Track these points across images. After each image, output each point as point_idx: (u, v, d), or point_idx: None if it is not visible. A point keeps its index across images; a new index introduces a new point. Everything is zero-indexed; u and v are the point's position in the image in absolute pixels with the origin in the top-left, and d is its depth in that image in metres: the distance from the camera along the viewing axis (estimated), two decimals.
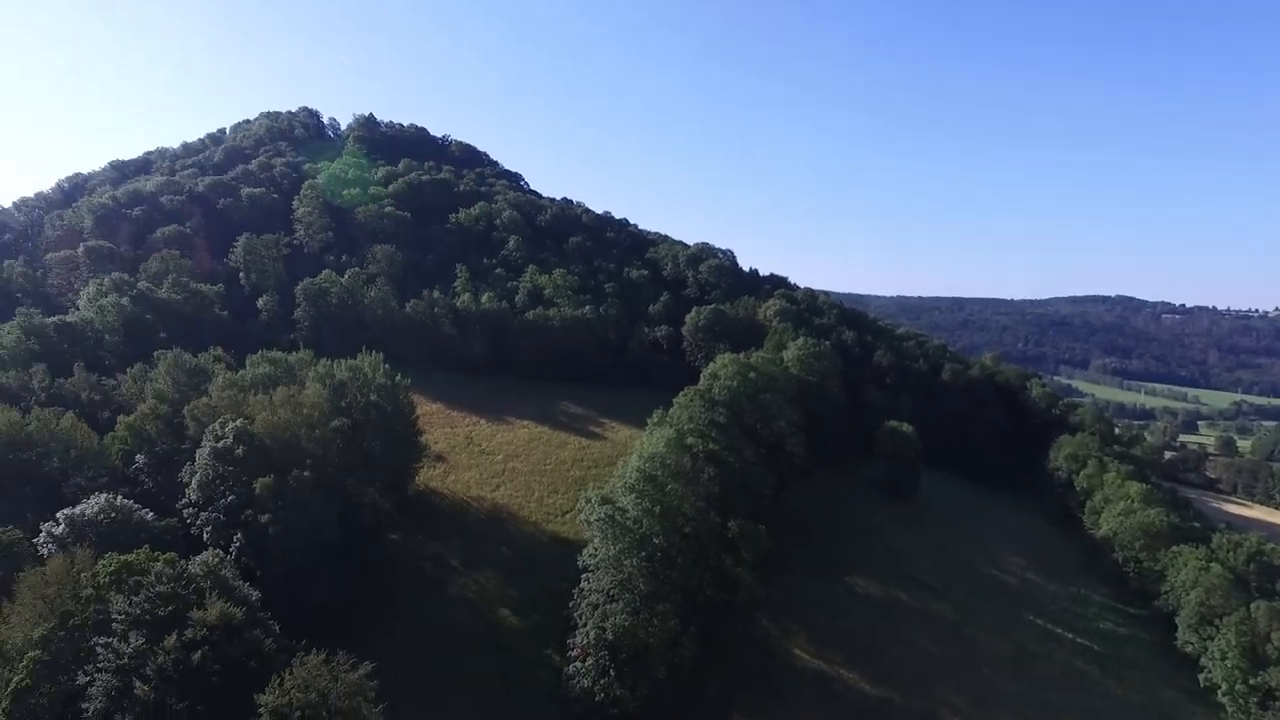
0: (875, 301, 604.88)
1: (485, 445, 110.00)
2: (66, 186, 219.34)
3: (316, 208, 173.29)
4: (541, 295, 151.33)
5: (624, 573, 67.11)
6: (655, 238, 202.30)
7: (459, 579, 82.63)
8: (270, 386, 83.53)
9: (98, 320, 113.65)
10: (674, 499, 71.65)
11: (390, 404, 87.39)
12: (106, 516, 63.48)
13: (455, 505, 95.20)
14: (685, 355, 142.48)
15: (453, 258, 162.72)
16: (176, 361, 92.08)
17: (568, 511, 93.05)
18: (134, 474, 77.77)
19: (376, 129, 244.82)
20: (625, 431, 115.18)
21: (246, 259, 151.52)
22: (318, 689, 47.22)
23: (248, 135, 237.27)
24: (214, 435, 72.58)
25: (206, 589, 52.13)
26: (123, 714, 46.45)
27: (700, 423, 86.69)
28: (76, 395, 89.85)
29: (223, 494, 69.54)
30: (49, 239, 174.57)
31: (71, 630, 49.39)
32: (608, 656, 63.84)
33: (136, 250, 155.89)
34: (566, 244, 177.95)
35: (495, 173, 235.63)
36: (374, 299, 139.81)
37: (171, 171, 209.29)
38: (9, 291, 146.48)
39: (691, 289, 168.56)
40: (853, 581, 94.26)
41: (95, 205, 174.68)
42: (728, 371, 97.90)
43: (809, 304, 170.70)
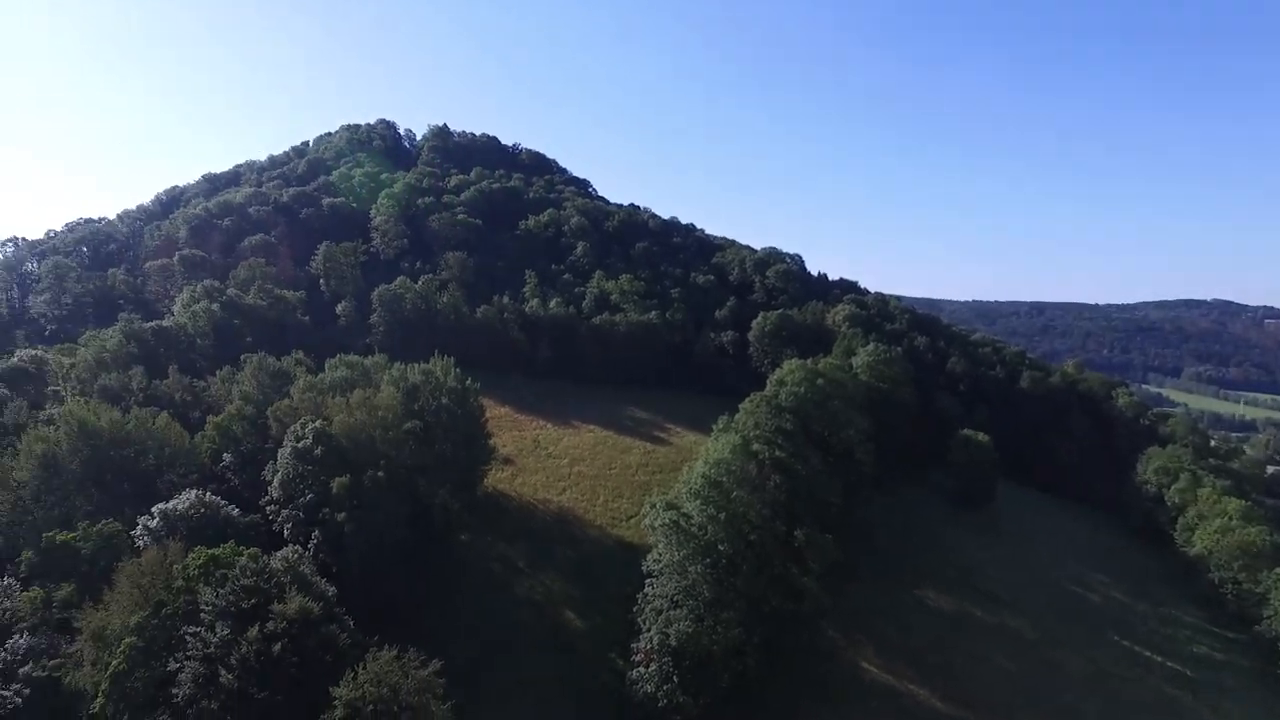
0: (949, 306, 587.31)
1: (552, 449, 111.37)
2: (164, 199, 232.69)
3: (392, 216, 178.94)
4: (608, 300, 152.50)
5: (688, 579, 66.87)
6: (722, 242, 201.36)
7: (525, 580, 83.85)
8: (347, 389, 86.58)
9: (190, 325, 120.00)
10: (739, 506, 71.02)
11: (460, 407, 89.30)
12: (196, 511, 66.92)
13: (522, 507, 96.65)
14: (751, 361, 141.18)
15: (522, 264, 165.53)
16: (261, 365, 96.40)
17: (632, 516, 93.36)
18: (221, 471, 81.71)
19: (450, 139, 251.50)
20: (690, 437, 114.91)
21: (326, 266, 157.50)
22: (389, 684, 48.61)
23: (329, 147, 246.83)
24: (295, 435, 75.66)
25: (286, 584, 54.29)
26: (209, 700, 48.76)
27: (766, 429, 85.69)
28: (171, 396, 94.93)
29: (302, 492, 72.38)
30: (148, 248, 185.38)
31: (164, 619, 52.17)
32: (671, 663, 63.71)
33: (226, 258, 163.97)
34: (633, 249, 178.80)
35: (564, 179, 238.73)
36: (446, 304, 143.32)
37: (259, 183, 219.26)
38: (112, 298, 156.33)
39: (758, 294, 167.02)
40: (923, 594, 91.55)
41: (189, 216, 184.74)
42: (795, 378, 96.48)
43: (879, 309, 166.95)
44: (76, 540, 63.69)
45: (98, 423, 76.27)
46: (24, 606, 58.93)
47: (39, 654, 55.11)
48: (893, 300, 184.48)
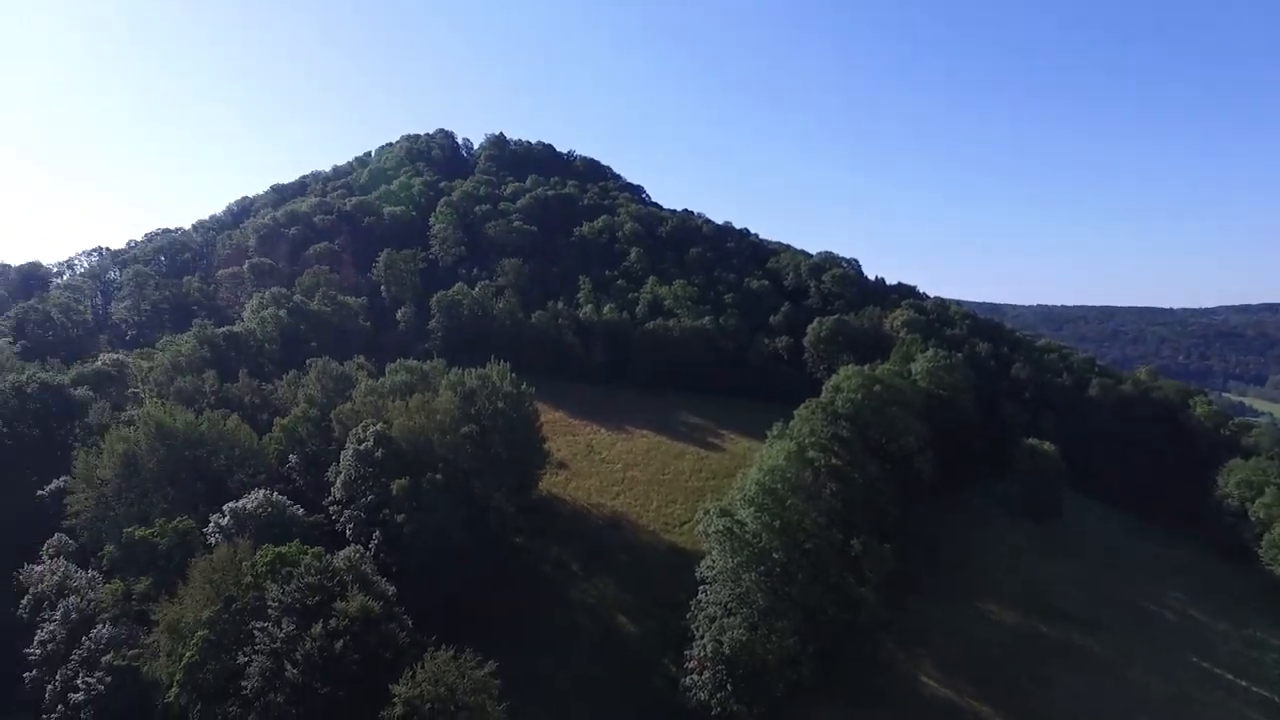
0: (1013, 311, 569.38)
1: (605, 454, 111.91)
2: (235, 209, 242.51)
3: (450, 223, 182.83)
4: (662, 306, 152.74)
5: (742, 587, 66.33)
6: (776, 247, 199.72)
7: (578, 584, 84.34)
8: (407, 393, 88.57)
9: (259, 330, 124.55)
10: (794, 514, 70.19)
11: (516, 411, 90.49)
12: (264, 510, 69.29)
13: (576, 511, 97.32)
14: (806, 367, 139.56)
15: (576, 269, 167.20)
16: (325, 369, 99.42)
17: (685, 522, 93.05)
18: (287, 472, 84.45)
19: (506, 147, 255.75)
20: (744, 443, 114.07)
21: (387, 273, 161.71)
22: (446, 683, 49.45)
23: (390, 157, 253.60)
24: (356, 438, 77.75)
25: (349, 582, 55.79)
26: (275, 694, 50.37)
27: (822, 436, 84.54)
28: (240, 399, 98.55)
29: (363, 493, 74.28)
30: (220, 257, 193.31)
31: (234, 613, 54.17)
32: (725, 671, 63.23)
33: (293, 266, 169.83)
34: (687, 255, 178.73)
35: (618, 186, 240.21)
36: (502, 310, 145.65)
37: (323, 193, 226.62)
38: (187, 304, 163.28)
39: (814, 299, 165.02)
40: (985, 608, 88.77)
41: (258, 226, 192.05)
42: (851, 384, 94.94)
43: (939, 314, 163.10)
44: (154, 536, 66.59)
45: (173, 424, 79.69)
46: (106, 598, 61.87)
47: (119, 644, 57.78)
48: (953, 305, 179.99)
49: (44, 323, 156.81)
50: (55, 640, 60.25)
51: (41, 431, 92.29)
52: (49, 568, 67.80)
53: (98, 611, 60.97)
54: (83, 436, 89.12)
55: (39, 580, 66.42)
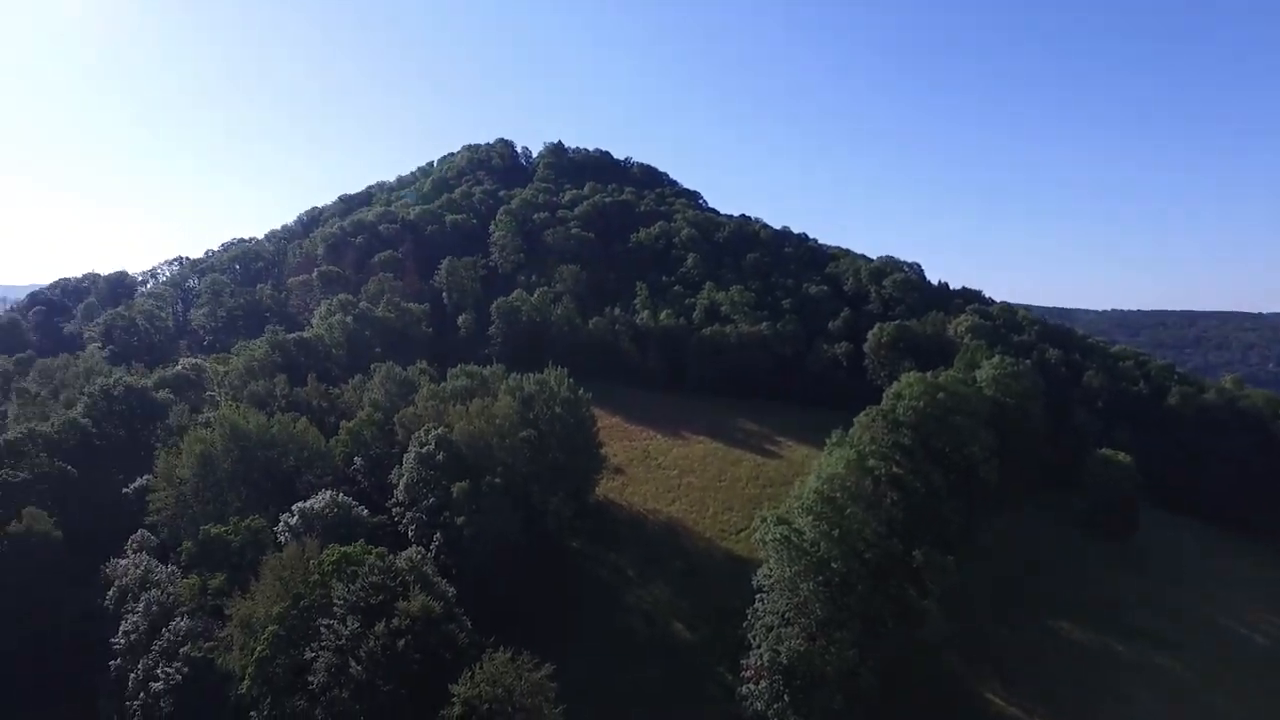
0: (1085, 317, 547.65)
1: (661, 459, 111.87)
2: (305, 219, 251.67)
3: (510, 231, 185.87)
4: (718, 312, 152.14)
5: (800, 596, 65.34)
6: (835, 252, 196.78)
7: (634, 589, 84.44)
8: (467, 398, 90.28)
9: (327, 336, 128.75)
10: (854, 523, 68.76)
11: (573, 416, 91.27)
12: (330, 511, 71.48)
13: (632, 517, 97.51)
14: (866, 373, 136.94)
15: (633, 276, 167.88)
16: (389, 374, 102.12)
17: (742, 529, 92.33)
18: (352, 474, 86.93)
19: (564, 155, 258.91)
20: (802, 450, 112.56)
21: (449, 280, 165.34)
22: (504, 685, 50.09)
23: (451, 167, 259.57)
24: (419, 441, 79.60)
25: (410, 582, 57.10)
26: (340, 689, 51.83)
27: (883, 444, 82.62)
28: (309, 402, 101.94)
29: (425, 496, 75.96)
30: (290, 265, 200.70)
31: (301, 610, 55.97)
32: (781, 681, 62.38)
33: (359, 273, 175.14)
34: (744, 260, 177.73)
35: (674, 192, 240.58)
36: (559, 316, 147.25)
37: (388, 202, 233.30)
38: (259, 311, 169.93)
39: (874, 304, 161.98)
40: (1056, 625, 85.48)
41: (326, 235, 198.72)
42: (913, 391, 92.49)
43: (1006, 319, 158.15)
44: (228, 534, 69.38)
45: (246, 426, 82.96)
46: (184, 592, 64.70)
47: (196, 636, 60.37)
48: (1020, 310, 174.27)
49: (129, 329, 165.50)
50: (138, 631, 63.30)
51: (127, 432, 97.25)
52: (132, 561, 71.30)
53: (176, 605, 63.80)
54: (164, 437, 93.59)
55: (123, 574, 69.89)
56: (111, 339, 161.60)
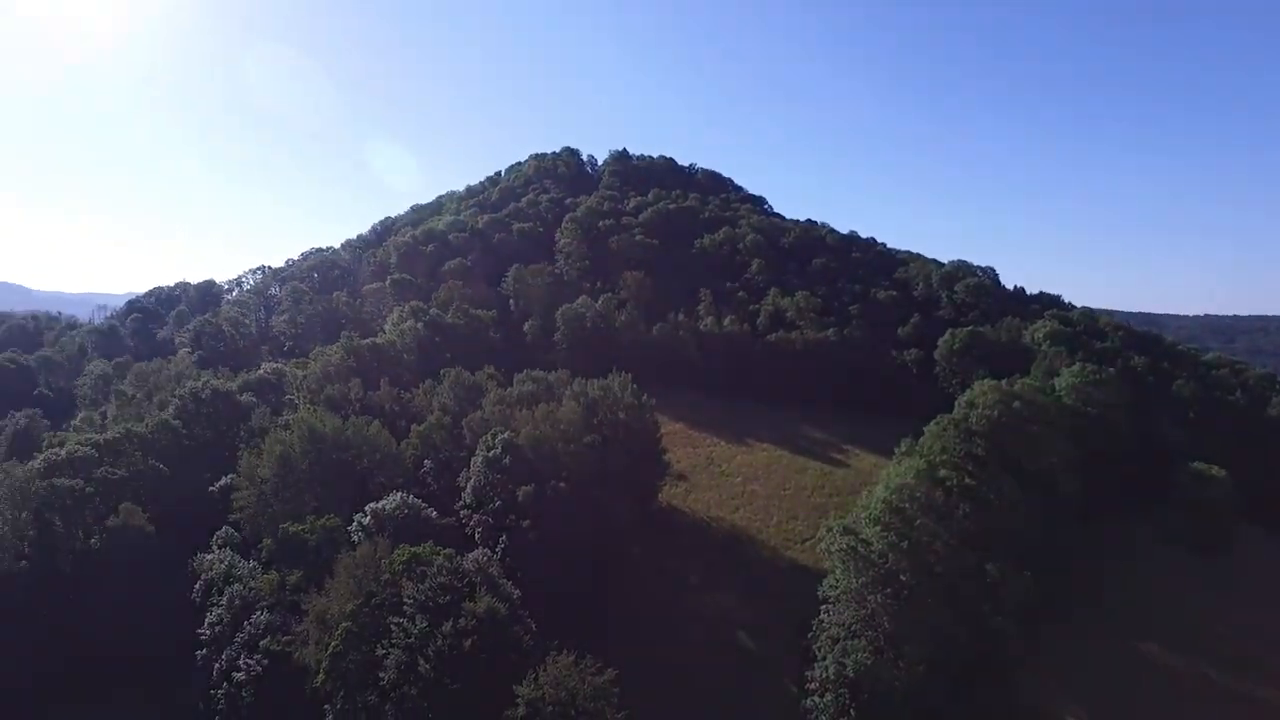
0: (1174, 322, 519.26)
1: (725, 466, 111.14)
2: (379, 229, 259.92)
3: (575, 238, 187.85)
4: (783, 318, 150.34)
5: (867, 608, 63.97)
6: (905, 256, 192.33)
7: (697, 597, 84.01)
8: (533, 403, 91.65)
9: (399, 342, 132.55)
10: (923, 534, 66.94)
11: (637, 422, 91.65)
12: (401, 512, 73.48)
13: (695, 524, 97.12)
14: (937, 381, 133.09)
15: (697, 282, 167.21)
16: (458, 378, 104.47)
17: (807, 539, 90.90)
18: (422, 476, 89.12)
19: (629, 162, 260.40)
20: (869, 459, 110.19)
21: (515, 287, 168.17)
22: (567, 688, 50.56)
23: (519, 176, 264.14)
24: (486, 445, 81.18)
25: (477, 584, 58.28)
26: (409, 686, 53.19)
27: (955, 454, 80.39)
28: (381, 406, 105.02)
29: (491, 499, 77.39)
30: (365, 273, 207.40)
31: (373, 608, 57.73)
32: (847, 695, 61.13)
33: (430, 280, 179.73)
34: (810, 265, 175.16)
35: (739, 197, 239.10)
36: (623, 323, 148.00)
37: (457, 212, 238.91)
38: (336, 318, 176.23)
39: (945, 310, 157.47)
40: (1145, 648, 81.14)
41: (399, 244, 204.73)
42: (987, 399, 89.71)
43: (1087, 325, 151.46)
44: (305, 532, 72.05)
45: (323, 428, 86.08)
46: (264, 587, 67.50)
47: (275, 630, 62.87)
48: (1103, 316, 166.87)
49: (216, 335, 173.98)
50: (221, 623, 66.39)
51: (213, 432, 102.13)
52: (217, 556, 74.82)
53: (257, 599, 66.61)
54: (246, 438, 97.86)
55: (209, 568, 73.43)
56: (200, 344, 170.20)
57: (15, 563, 75.30)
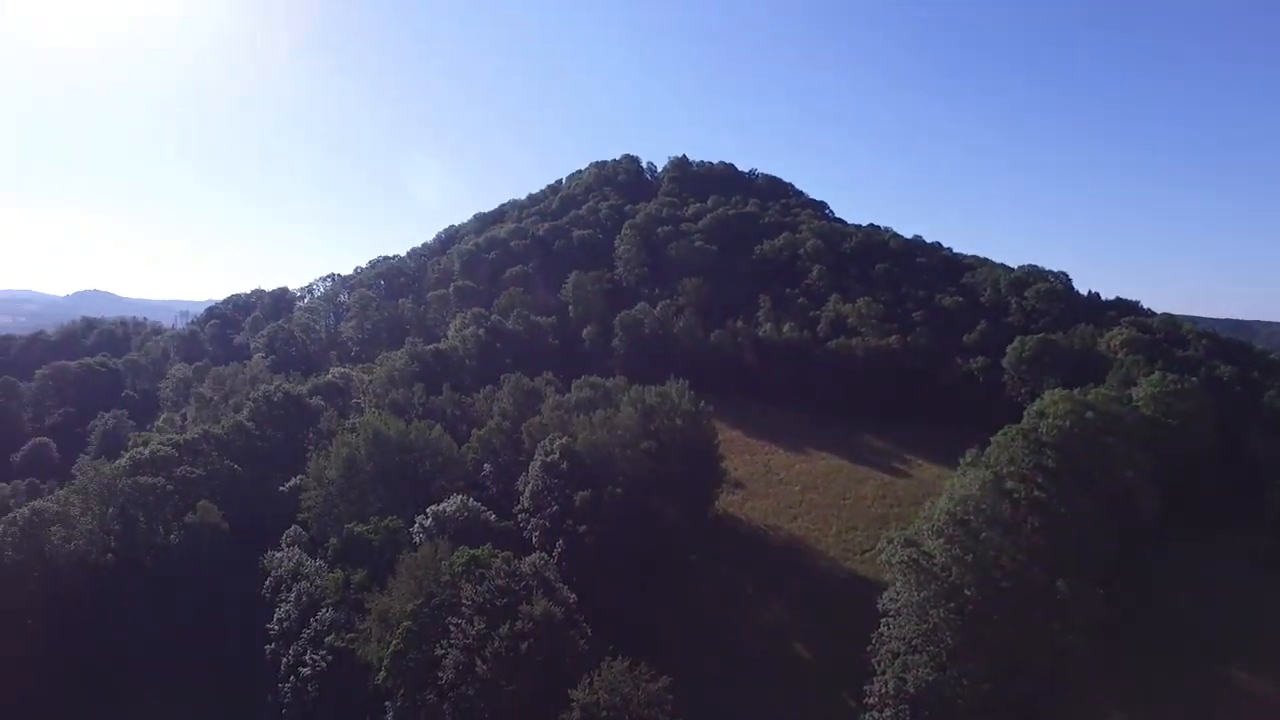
0: (1266, 330, 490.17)
1: (783, 474, 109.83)
2: (443, 236, 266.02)
3: (634, 245, 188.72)
4: (845, 324, 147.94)
5: (929, 623, 62.10)
6: (971, 261, 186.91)
7: (753, 606, 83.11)
8: (590, 409, 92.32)
9: (460, 348, 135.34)
10: (989, 548, 64.69)
11: (694, 429, 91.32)
12: (461, 514, 74.80)
13: (752, 532, 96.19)
14: (1005, 390, 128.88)
15: (756, 288, 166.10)
16: (517, 384, 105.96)
17: (867, 550, 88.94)
18: (482, 479, 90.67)
19: (688, 169, 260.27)
20: (932, 470, 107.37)
21: (575, 293, 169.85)
22: (621, 694, 50.53)
23: (579, 183, 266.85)
24: (544, 450, 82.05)
25: (534, 587, 58.80)
26: (466, 686, 54.00)
27: (1023, 466, 77.33)
28: (443, 410, 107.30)
29: (549, 503, 78.16)
30: (429, 280, 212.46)
31: (433, 608, 58.82)
32: (908, 711, 59.44)
33: (491, 287, 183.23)
34: (872, 271, 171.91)
35: (800, 202, 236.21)
36: (681, 329, 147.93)
37: (519, 219, 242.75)
38: (401, 324, 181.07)
39: (1015, 316, 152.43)
40: (1229, 674, 76.64)
41: (462, 252, 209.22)
42: (1059, 409, 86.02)
43: (1168, 333, 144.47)
44: (369, 533, 74.00)
45: (387, 432, 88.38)
46: (330, 585, 69.52)
47: (339, 627, 64.66)
48: (1186, 323, 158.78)
49: (288, 340, 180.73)
50: (289, 619, 68.67)
51: (284, 434, 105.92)
52: (286, 555, 77.44)
53: (323, 597, 68.65)
54: (315, 440, 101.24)
55: (278, 565, 76.06)
56: (273, 349, 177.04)
57: (102, 555, 79.54)
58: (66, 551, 78.00)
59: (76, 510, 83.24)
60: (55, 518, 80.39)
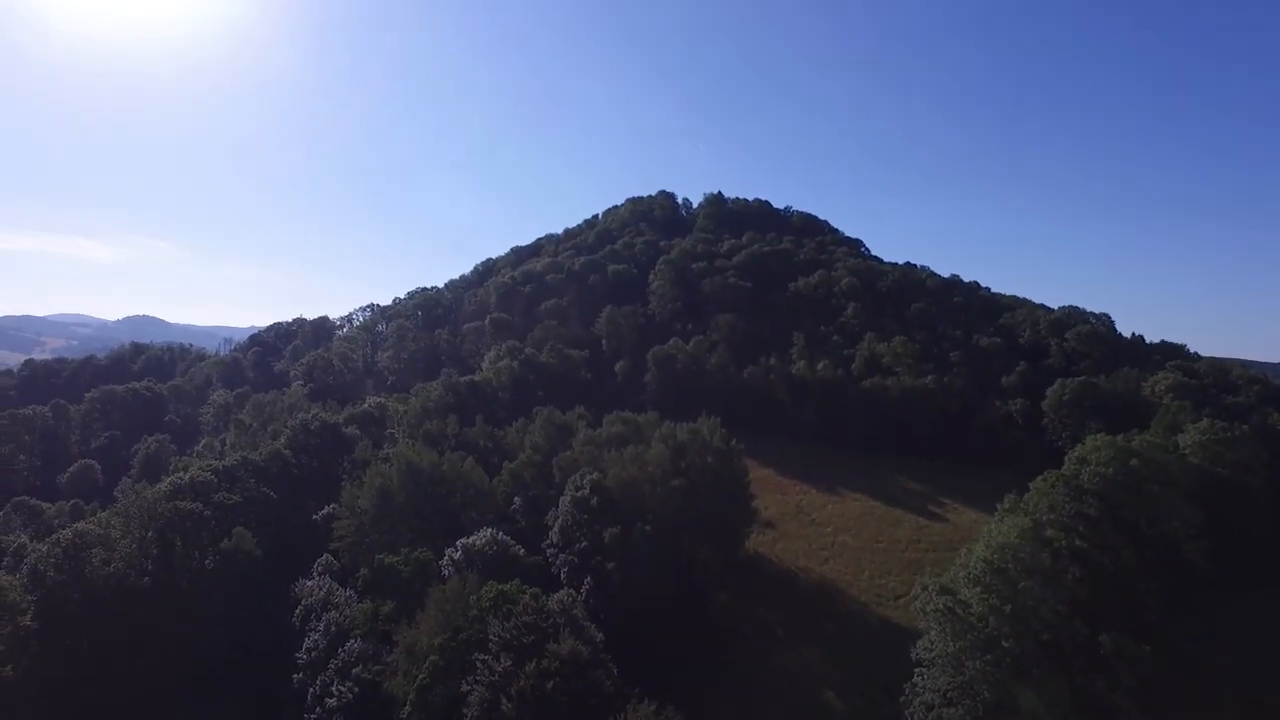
0: None
1: (815, 515, 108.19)
2: (480, 269, 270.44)
3: (668, 280, 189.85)
4: (879, 363, 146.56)
5: (965, 675, 60.26)
6: (1010, 302, 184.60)
7: (783, 650, 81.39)
8: (621, 444, 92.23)
9: (494, 380, 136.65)
10: (1028, 599, 62.89)
11: (725, 467, 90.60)
12: (490, 548, 74.93)
13: (782, 574, 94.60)
14: (1045, 434, 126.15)
15: (790, 325, 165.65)
16: (550, 417, 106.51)
17: (900, 596, 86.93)
18: (512, 513, 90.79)
19: (723, 205, 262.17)
20: (969, 514, 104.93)
21: (608, 328, 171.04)
22: None
23: (615, 219, 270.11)
24: (574, 485, 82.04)
25: (561, 625, 58.45)
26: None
27: (1064, 513, 75.39)
28: (476, 442, 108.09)
29: (578, 539, 77.88)
30: (466, 312, 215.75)
31: (460, 643, 58.76)
32: None
33: (526, 320, 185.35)
34: (908, 310, 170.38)
35: (835, 240, 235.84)
36: (714, 365, 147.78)
37: (555, 253, 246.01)
38: (437, 355, 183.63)
39: (1055, 358, 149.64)
40: None
41: (498, 285, 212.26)
42: (1101, 456, 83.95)
43: (1216, 378, 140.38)
44: (399, 564, 74.44)
45: (420, 463, 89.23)
46: (358, 616, 69.89)
47: (367, 659, 64.77)
48: (1235, 367, 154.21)
49: (327, 369, 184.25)
50: (318, 649, 68.94)
51: (319, 462, 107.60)
52: (317, 583, 78.13)
53: (352, 627, 68.97)
54: (349, 469, 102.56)
55: (309, 594, 76.69)
56: (311, 378, 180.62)
57: (140, 578, 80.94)
58: (105, 574, 79.54)
59: (117, 533, 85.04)
60: (96, 540, 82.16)
